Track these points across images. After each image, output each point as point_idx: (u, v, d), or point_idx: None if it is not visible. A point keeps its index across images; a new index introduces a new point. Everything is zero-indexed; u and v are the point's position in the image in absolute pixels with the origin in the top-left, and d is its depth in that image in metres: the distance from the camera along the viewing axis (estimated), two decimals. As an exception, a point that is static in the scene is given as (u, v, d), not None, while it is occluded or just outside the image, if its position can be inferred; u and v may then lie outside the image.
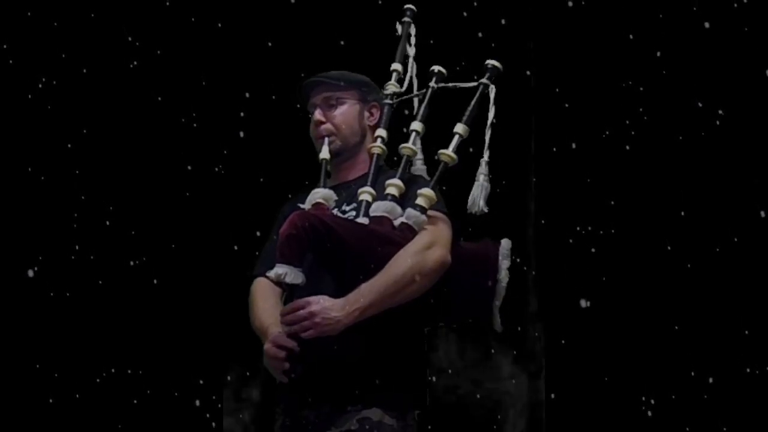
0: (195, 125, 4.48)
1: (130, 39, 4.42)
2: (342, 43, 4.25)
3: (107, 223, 4.38)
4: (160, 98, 4.42)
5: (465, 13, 4.32)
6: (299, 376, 2.68)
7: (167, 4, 4.43)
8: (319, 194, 2.82)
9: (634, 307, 4.27)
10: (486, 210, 2.86)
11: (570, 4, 4.33)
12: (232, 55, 4.49)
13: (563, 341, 4.36)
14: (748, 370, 4.16)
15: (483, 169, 2.87)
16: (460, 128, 2.85)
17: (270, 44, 4.42)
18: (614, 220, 4.33)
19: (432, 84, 2.95)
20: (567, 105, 4.35)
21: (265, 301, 2.83)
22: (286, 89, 3.17)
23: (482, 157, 2.88)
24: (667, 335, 4.23)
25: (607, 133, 4.34)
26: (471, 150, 2.88)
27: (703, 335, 4.22)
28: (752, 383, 4.16)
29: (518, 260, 3.32)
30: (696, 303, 4.23)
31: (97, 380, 4.31)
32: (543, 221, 4.40)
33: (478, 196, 2.85)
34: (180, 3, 4.46)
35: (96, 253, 4.38)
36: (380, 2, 3.98)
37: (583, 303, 4.24)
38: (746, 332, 4.19)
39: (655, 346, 4.24)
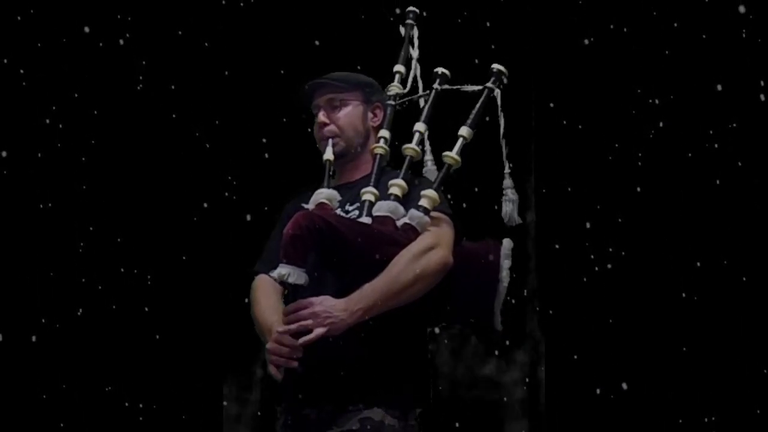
0: (196, 126, 4.50)
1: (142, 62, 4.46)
2: (344, 45, 4.27)
3: (108, 222, 4.41)
4: (173, 114, 4.45)
5: (466, 15, 4.34)
6: (301, 374, 2.68)
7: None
8: (323, 194, 2.81)
9: (634, 307, 4.29)
10: (521, 221, 2.89)
11: (572, 9, 4.36)
12: (235, 56, 4.50)
13: (563, 341, 4.38)
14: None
15: (507, 182, 2.90)
16: (464, 131, 2.86)
17: (272, 46, 4.43)
18: (615, 219, 4.35)
19: (436, 86, 2.96)
20: (568, 105, 4.37)
21: (267, 298, 2.83)
22: (290, 91, 3.18)
23: (504, 169, 2.90)
24: (668, 334, 4.25)
25: (608, 131, 4.36)
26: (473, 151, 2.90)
27: (702, 333, 4.25)
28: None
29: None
30: (697, 299, 4.25)
31: (101, 384, 4.34)
32: (543, 220, 4.42)
33: (511, 210, 2.88)
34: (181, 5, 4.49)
35: (95, 256, 4.41)
36: (383, 5, 3.99)
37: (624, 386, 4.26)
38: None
39: (656, 346, 4.26)
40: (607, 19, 4.37)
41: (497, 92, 2.90)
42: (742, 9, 4.19)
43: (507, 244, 2.85)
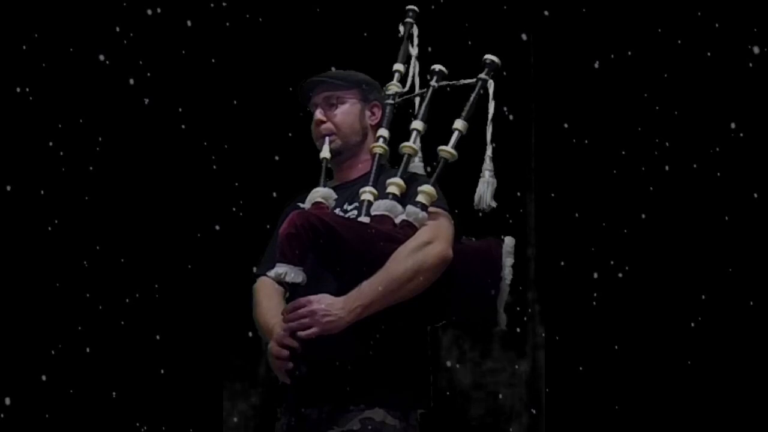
0: (196, 122, 4.51)
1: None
2: (343, 43, 4.28)
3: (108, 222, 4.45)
4: (147, 100, 4.48)
5: (465, 12, 4.35)
6: (303, 376, 2.67)
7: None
8: (319, 193, 2.80)
9: (634, 306, 4.28)
10: (494, 205, 2.83)
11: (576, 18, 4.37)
12: (233, 54, 4.52)
13: (563, 341, 4.37)
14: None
15: (487, 164, 2.84)
16: (459, 124, 2.84)
17: (271, 44, 4.44)
18: (615, 216, 4.34)
19: (433, 83, 2.94)
20: (567, 101, 4.37)
21: (269, 300, 2.82)
22: (289, 89, 3.18)
23: (485, 152, 2.85)
24: (668, 333, 4.24)
25: (608, 128, 4.36)
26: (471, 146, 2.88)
27: (705, 333, 4.23)
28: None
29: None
30: (697, 296, 4.24)
31: (103, 386, 4.35)
32: (543, 220, 4.42)
33: (484, 192, 2.82)
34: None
35: (98, 260, 4.43)
36: (382, 3, 4.00)
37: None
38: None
39: (655, 344, 4.25)
40: (609, 31, 4.38)
41: (491, 83, 2.88)
42: (756, 50, 4.20)
43: (509, 241, 2.84)
